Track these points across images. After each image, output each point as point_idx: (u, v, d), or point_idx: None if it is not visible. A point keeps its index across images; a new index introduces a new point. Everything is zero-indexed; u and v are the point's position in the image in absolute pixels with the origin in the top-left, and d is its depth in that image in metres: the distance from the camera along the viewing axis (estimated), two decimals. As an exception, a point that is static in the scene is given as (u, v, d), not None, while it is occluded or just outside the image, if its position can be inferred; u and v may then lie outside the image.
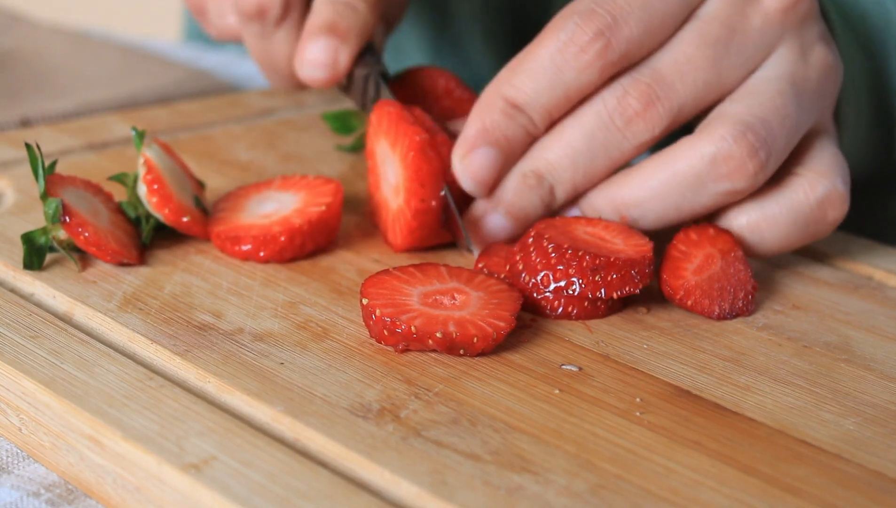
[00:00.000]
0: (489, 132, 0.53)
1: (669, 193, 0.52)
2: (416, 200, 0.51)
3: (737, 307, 0.50)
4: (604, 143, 0.53)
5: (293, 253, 0.52)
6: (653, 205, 0.52)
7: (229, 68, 0.92)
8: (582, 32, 0.52)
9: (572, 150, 0.53)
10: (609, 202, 0.53)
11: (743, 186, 0.51)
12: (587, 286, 0.48)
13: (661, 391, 0.44)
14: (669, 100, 0.52)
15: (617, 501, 0.37)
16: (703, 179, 0.51)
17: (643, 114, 0.52)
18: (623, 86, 0.52)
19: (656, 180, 0.52)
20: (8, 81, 0.78)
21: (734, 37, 0.53)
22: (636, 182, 0.53)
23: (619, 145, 0.53)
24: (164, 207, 0.52)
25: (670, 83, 0.52)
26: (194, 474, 0.37)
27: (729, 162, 0.51)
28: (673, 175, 0.52)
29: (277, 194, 0.55)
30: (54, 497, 0.41)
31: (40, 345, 0.44)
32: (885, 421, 0.43)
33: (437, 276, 0.48)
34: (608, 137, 0.53)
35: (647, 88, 0.52)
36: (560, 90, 0.53)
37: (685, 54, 0.52)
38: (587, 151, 0.53)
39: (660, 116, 0.52)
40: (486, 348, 0.45)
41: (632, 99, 0.52)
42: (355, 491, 0.37)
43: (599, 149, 0.53)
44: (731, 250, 0.51)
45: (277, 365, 0.44)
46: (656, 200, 0.52)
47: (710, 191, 0.52)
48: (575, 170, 0.53)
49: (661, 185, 0.52)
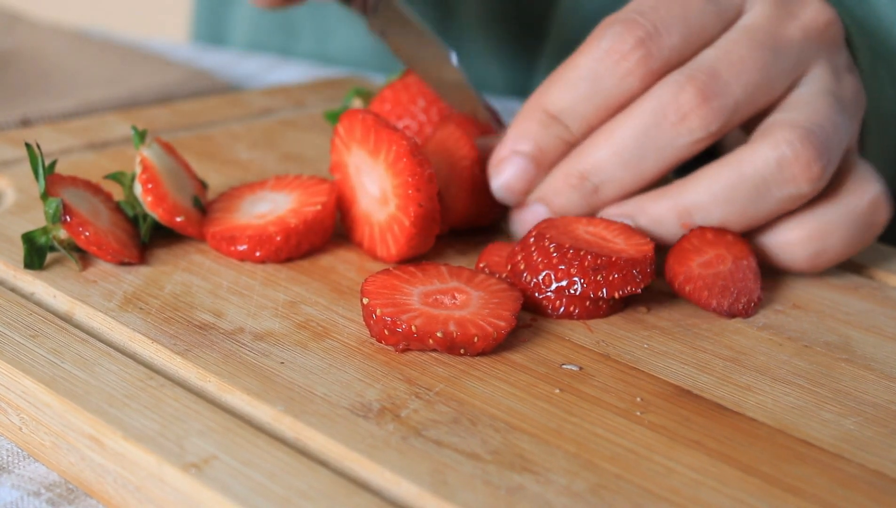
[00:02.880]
0: (524, 142, 0.54)
1: (734, 197, 0.51)
2: (415, 205, 0.50)
3: (736, 309, 0.50)
4: (656, 141, 0.52)
5: (289, 253, 0.52)
6: (717, 210, 0.51)
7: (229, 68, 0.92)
8: (623, 41, 0.51)
9: (621, 148, 0.52)
10: (670, 208, 0.52)
11: (807, 190, 0.51)
12: (589, 286, 0.48)
13: (662, 391, 0.44)
14: (726, 97, 0.51)
15: (617, 501, 0.37)
16: (769, 183, 0.51)
17: (699, 109, 0.51)
18: (678, 81, 0.51)
19: (719, 186, 0.51)
20: (8, 80, 0.78)
21: (779, 45, 0.52)
22: (699, 187, 0.52)
23: (672, 143, 0.51)
24: (159, 206, 0.52)
25: (726, 81, 0.51)
26: (195, 473, 0.37)
27: (794, 166, 0.50)
28: (739, 179, 0.51)
29: (272, 194, 0.55)
30: (55, 496, 0.41)
31: (41, 344, 0.44)
32: (885, 421, 0.43)
33: (437, 275, 0.48)
34: (661, 135, 0.51)
35: (702, 84, 0.51)
36: (599, 98, 0.52)
37: (738, 55, 0.52)
38: (637, 150, 0.52)
39: (715, 114, 0.51)
40: (486, 347, 0.45)
41: (687, 94, 0.51)
42: (356, 491, 0.37)
43: (651, 148, 0.52)
44: (744, 258, 0.51)
45: (278, 365, 0.44)
46: (720, 205, 0.51)
47: (775, 196, 0.51)
48: (624, 170, 0.52)
49: (726, 190, 0.51)
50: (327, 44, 0.98)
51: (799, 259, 0.53)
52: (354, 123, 0.52)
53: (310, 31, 0.99)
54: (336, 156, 0.54)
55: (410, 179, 0.50)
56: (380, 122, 0.51)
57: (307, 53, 0.99)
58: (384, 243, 0.52)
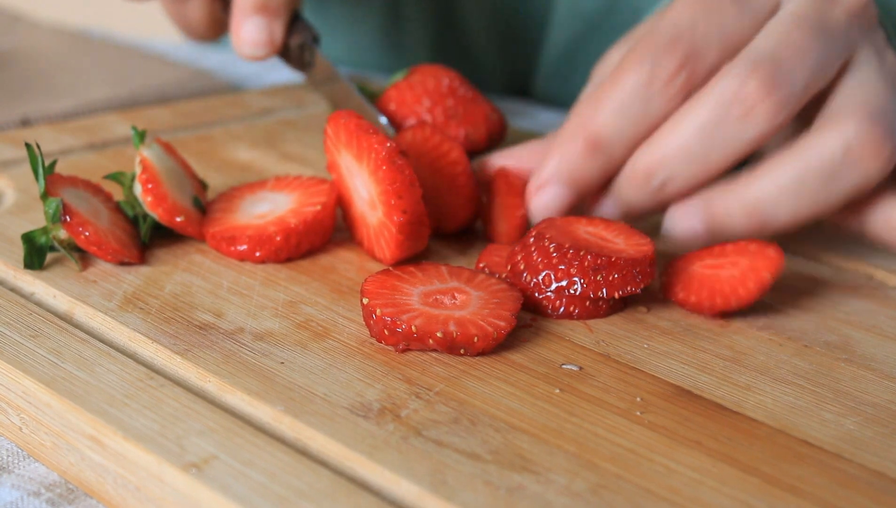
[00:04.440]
0: (565, 172, 0.53)
1: (803, 187, 0.50)
2: (398, 212, 0.50)
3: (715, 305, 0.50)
4: (722, 135, 0.51)
5: (289, 253, 0.52)
6: (786, 202, 0.51)
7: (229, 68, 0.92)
8: (666, 64, 0.51)
9: (686, 143, 0.51)
10: (738, 203, 0.51)
11: (875, 173, 0.50)
12: (589, 286, 0.48)
13: (662, 391, 0.44)
14: (789, 86, 0.50)
15: (617, 501, 0.37)
16: (838, 171, 0.50)
17: (764, 102, 0.50)
18: (739, 74, 0.51)
19: (787, 177, 0.50)
20: (8, 80, 0.78)
21: (829, 30, 0.52)
22: (767, 180, 0.51)
23: (738, 137, 0.51)
24: (158, 206, 0.52)
25: (789, 69, 0.51)
26: (195, 473, 0.37)
27: (864, 148, 0.50)
28: (806, 169, 0.50)
29: (271, 194, 0.55)
30: (55, 496, 0.41)
31: (41, 344, 0.44)
32: (885, 421, 0.43)
33: (437, 276, 0.48)
34: (726, 129, 0.51)
35: (766, 74, 0.50)
36: (645, 123, 0.52)
37: (796, 43, 0.51)
38: (703, 145, 0.51)
39: (781, 104, 0.50)
40: (486, 347, 0.45)
41: (751, 86, 0.50)
42: (356, 491, 0.37)
43: (717, 142, 0.51)
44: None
45: (278, 365, 0.44)
46: (790, 196, 0.51)
47: (845, 183, 0.50)
48: (689, 165, 0.52)
49: (794, 181, 0.50)
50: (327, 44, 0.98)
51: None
52: (339, 126, 0.51)
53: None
54: (329, 156, 0.54)
55: (391, 187, 0.49)
56: (362, 126, 0.50)
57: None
58: (379, 246, 0.52)
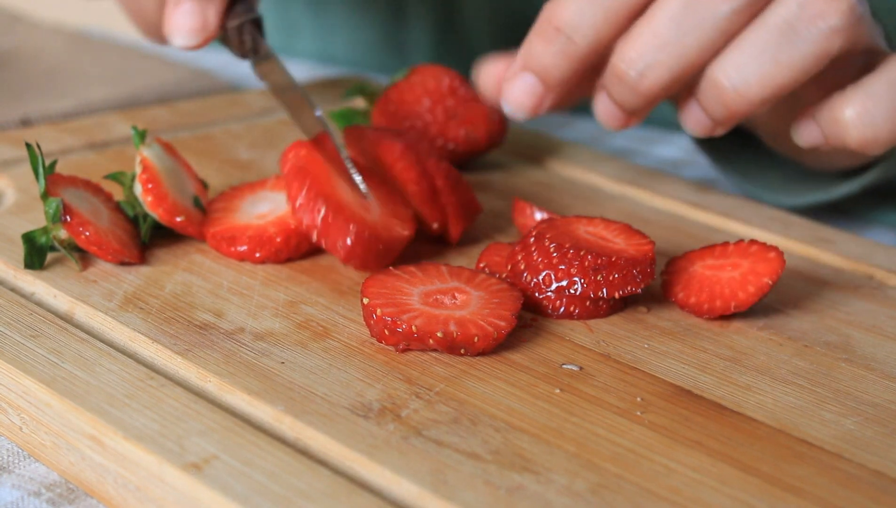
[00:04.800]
0: (529, 59, 0.54)
1: (764, 48, 0.51)
2: (341, 252, 0.50)
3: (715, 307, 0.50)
4: (694, 15, 0.51)
5: (289, 254, 0.52)
6: (751, 65, 0.51)
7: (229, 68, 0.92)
8: None
9: (659, 30, 0.52)
10: (709, 80, 0.52)
11: (838, 23, 0.50)
12: (589, 286, 0.48)
13: (662, 391, 0.44)
14: None
15: (618, 500, 0.37)
16: (796, 25, 0.51)
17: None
18: None
19: (748, 41, 0.51)
20: (8, 80, 0.78)
21: None
22: (731, 50, 0.51)
23: (712, 14, 0.51)
24: (159, 206, 0.52)
25: None
26: (195, 473, 0.37)
27: (818, 0, 0.50)
28: (765, 30, 0.51)
29: (272, 194, 0.55)
30: (55, 496, 0.41)
31: (41, 344, 0.44)
32: (885, 421, 0.43)
33: (437, 275, 0.48)
34: (698, 8, 0.51)
35: None
36: (603, 6, 0.52)
37: None
38: (675, 29, 0.51)
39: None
40: (486, 347, 0.45)
41: None
42: (356, 491, 0.37)
43: (689, 26, 0.51)
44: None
45: (278, 365, 0.44)
46: (754, 59, 0.51)
47: (807, 37, 0.51)
48: (663, 52, 0.52)
49: (754, 43, 0.51)
50: (328, 43, 0.98)
51: (852, 135, 0.53)
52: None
53: (310, 30, 0.99)
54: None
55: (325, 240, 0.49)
56: (298, 169, 0.50)
57: (308, 53, 0.99)
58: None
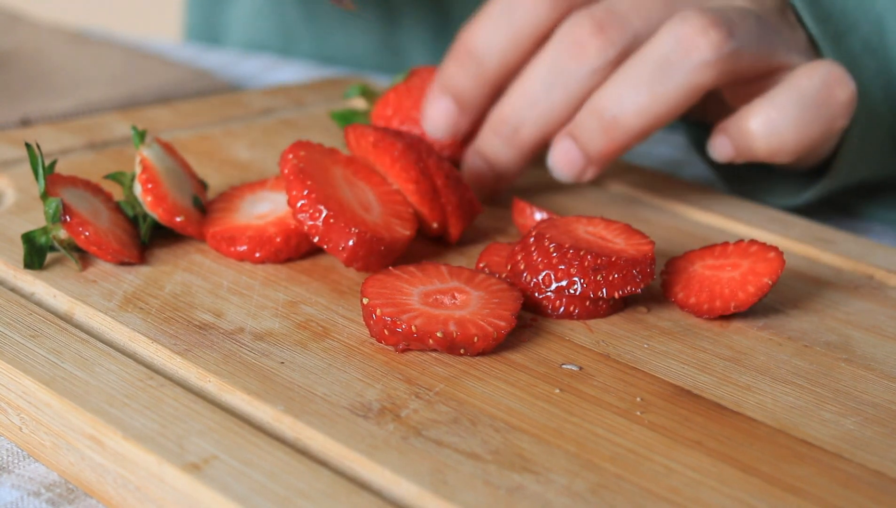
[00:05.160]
0: (444, 82, 0.58)
1: (641, 81, 0.53)
2: (343, 254, 0.49)
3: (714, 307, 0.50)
4: (559, 76, 0.54)
5: (288, 254, 0.52)
6: (628, 98, 0.53)
7: (229, 68, 0.92)
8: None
9: (531, 88, 0.55)
10: (590, 112, 0.54)
11: (710, 57, 0.52)
12: (589, 286, 0.48)
13: (662, 391, 0.44)
14: (622, 27, 0.54)
15: (617, 500, 0.37)
16: (671, 59, 0.53)
17: (594, 40, 0.54)
18: (575, 19, 0.54)
19: (627, 75, 0.53)
20: (8, 80, 0.78)
21: None
22: (611, 84, 0.54)
23: (574, 74, 0.54)
24: (159, 206, 0.52)
25: (624, 14, 0.54)
26: (195, 473, 0.37)
27: (693, 36, 0.52)
28: (642, 64, 0.53)
29: (271, 194, 0.55)
30: (55, 496, 0.41)
31: (41, 344, 0.44)
32: (885, 421, 0.43)
33: (437, 275, 0.48)
34: (563, 69, 0.54)
35: (598, 17, 0.54)
36: (512, 31, 0.55)
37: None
38: (544, 88, 0.55)
39: (611, 41, 0.54)
40: (486, 347, 0.45)
41: (583, 28, 0.54)
42: (356, 491, 0.37)
43: (556, 83, 0.55)
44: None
45: (278, 365, 0.44)
46: (630, 92, 0.53)
47: (680, 70, 0.53)
48: (535, 108, 0.55)
49: (633, 77, 0.53)
50: (327, 44, 0.98)
51: (759, 146, 0.55)
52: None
53: (309, 31, 0.99)
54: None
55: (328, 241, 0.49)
56: (299, 171, 0.50)
57: (307, 53, 0.99)
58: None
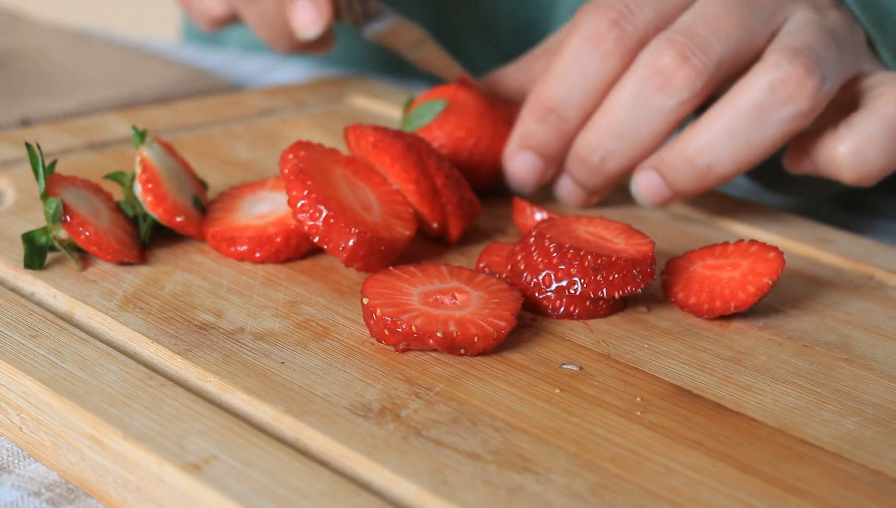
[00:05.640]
0: (526, 138, 0.58)
1: (736, 129, 0.53)
2: (342, 254, 0.49)
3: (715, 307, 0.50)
4: (645, 108, 0.54)
5: (288, 254, 0.52)
6: (723, 146, 0.54)
7: (229, 68, 0.92)
8: (598, 25, 0.55)
9: (616, 121, 0.55)
10: (682, 156, 0.55)
11: (805, 107, 0.53)
12: (589, 286, 0.48)
13: (662, 391, 0.44)
14: (705, 54, 0.53)
15: (618, 500, 0.37)
16: (766, 108, 0.53)
17: (680, 70, 0.53)
18: (657, 47, 0.54)
19: (721, 121, 0.53)
20: (8, 80, 0.78)
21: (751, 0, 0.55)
22: (703, 129, 0.54)
23: (661, 107, 0.54)
24: (159, 206, 0.52)
25: (704, 37, 0.54)
26: (195, 473, 0.37)
27: (788, 84, 0.52)
28: (736, 111, 0.53)
29: (271, 194, 0.55)
30: (55, 496, 0.41)
31: (41, 344, 0.44)
32: (885, 421, 0.43)
33: (437, 275, 0.48)
34: (649, 102, 0.54)
35: (681, 45, 0.53)
36: (588, 85, 0.55)
37: (714, 13, 0.54)
38: (630, 120, 0.55)
39: (697, 71, 0.53)
40: (486, 347, 0.45)
41: (667, 57, 0.53)
42: (356, 491, 0.37)
43: (642, 115, 0.55)
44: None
45: (278, 364, 0.44)
46: (725, 139, 0.53)
47: (776, 119, 0.53)
48: (621, 141, 0.55)
49: (727, 123, 0.53)
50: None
51: (846, 173, 0.55)
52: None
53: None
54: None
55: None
56: (299, 171, 0.50)
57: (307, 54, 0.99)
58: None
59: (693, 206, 0.62)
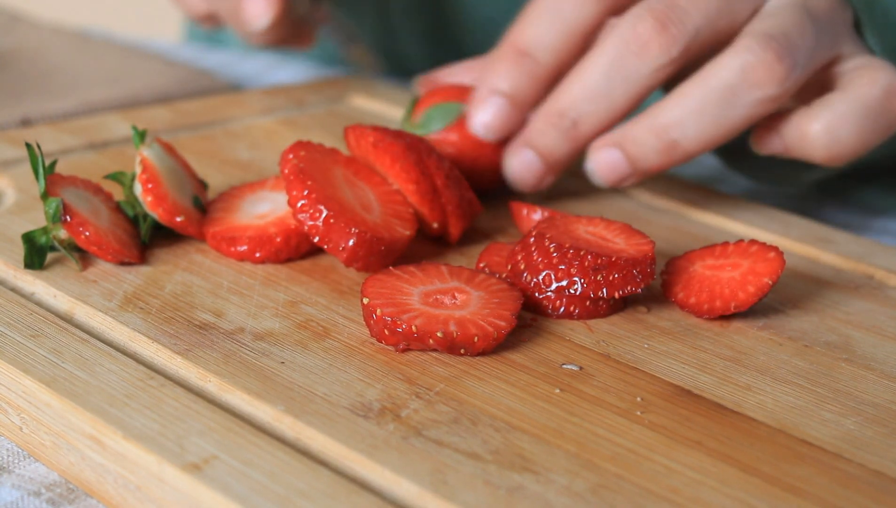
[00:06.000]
0: (494, 83, 0.57)
1: (706, 108, 0.53)
2: (342, 253, 0.49)
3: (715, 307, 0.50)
4: (621, 72, 0.54)
5: (289, 254, 0.52)
6: (692, 123, 0.54)
7: (229, 68, 0.92)
8: None
9: (592, 83, 0.55)
10: (649, 129, 0.55)
11: (774, 92, 0.53)
12: (589, 286, 0.48)
13: (662, 391, 0.44)
14: (683, 23, 0.54)
15: (618, 500, 0.37)
16: (736, 90, 0.53)
17: (658, 37, 0.53)
18: (637, 13, 0.54)
19: (692, 99, 0.54)
20: (8, 80, 0.78)
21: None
22: (672, 105, 0.54)
23: (637, 72, 0.54)
24: (159, 206, 0.52)
25: (684, 8, 0.54)
26: (195, 473, 0.37)
27: (758, 69, 0.52)
28: (708, 91, 0.53)
29: (272, 194, 0.55)
30: (55, 496, 0.41)
31: (41, 344, 0.44)
32: (885, 421, 0.43)
33: (437, 275, 0.48)
34: (625, 66, 0.54)
35: (660, 12, 0.54)
36: (564, 27, 0.55)
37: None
38: (606, 83, 0.55)
39: (674, 39, 0.54)
40: (486, 347, 0.45)
41: (646, 24, 0.54)
42: (356, 491, 0.37)
43: (617, 79, 0.54)
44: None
45: (278, 364, 0.44)
46: (694, 117, 0.54)
47: (745, 101, 0.53)
48: (595, 103, 0.55)
49: (697, 102, 0.54)
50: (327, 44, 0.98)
51: (817, 152, 0.55)
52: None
53: (309, 31, 0.99)
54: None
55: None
56: (299, 171, 0.50)
57: (307, 53, 0.99)
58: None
59: (693, 205, 0.62)
